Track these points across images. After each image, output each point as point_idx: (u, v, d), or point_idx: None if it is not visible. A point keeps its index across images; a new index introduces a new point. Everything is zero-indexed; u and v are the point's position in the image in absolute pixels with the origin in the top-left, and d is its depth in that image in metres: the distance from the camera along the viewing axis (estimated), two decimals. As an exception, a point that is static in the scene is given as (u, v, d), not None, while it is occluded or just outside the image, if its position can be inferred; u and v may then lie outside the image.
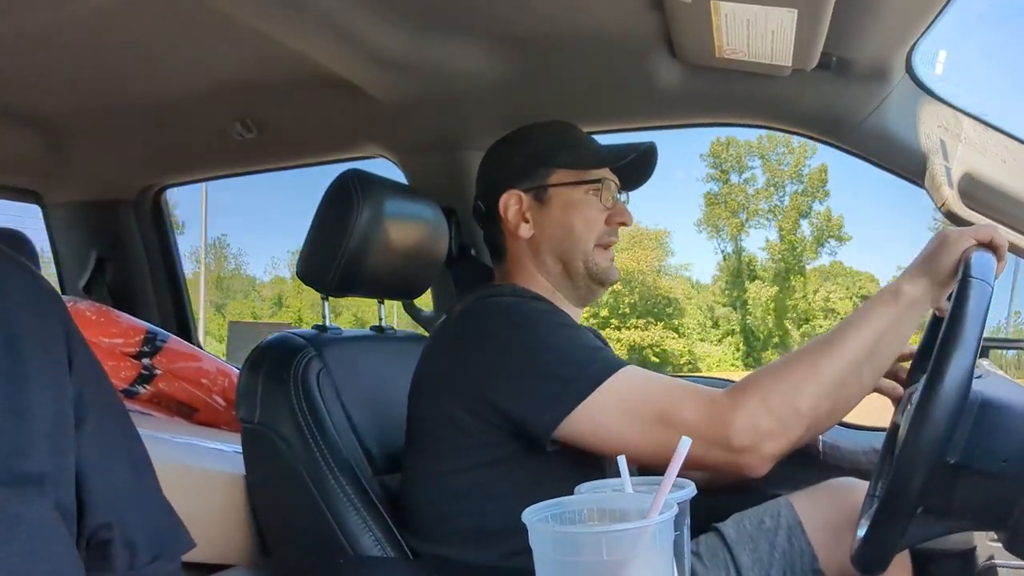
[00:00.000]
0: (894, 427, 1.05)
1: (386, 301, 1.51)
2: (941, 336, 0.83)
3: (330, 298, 1.37)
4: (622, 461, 0.72)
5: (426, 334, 1.76)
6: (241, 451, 1.28)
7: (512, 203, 1.26)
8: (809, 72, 1.34)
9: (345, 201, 1.29)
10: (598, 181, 1.25)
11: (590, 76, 1.56)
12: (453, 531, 1.12)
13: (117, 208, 2.16)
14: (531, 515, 0.62)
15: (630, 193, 1.35)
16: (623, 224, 1.27)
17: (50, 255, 2.25)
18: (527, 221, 1.25)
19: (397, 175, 1.87)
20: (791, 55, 1.25)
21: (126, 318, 1.75)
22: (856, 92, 1.40)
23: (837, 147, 1.49)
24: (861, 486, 1.25)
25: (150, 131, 1.91)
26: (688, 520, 0.71)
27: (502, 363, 1.07)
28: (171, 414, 1.75)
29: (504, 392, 1.06)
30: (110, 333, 1.67)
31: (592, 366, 1.05)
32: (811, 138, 1.51)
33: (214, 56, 1.55)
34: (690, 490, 0.70)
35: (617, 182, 1.28)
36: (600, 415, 1.02)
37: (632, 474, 1.15)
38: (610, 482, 0.76)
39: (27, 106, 1.82)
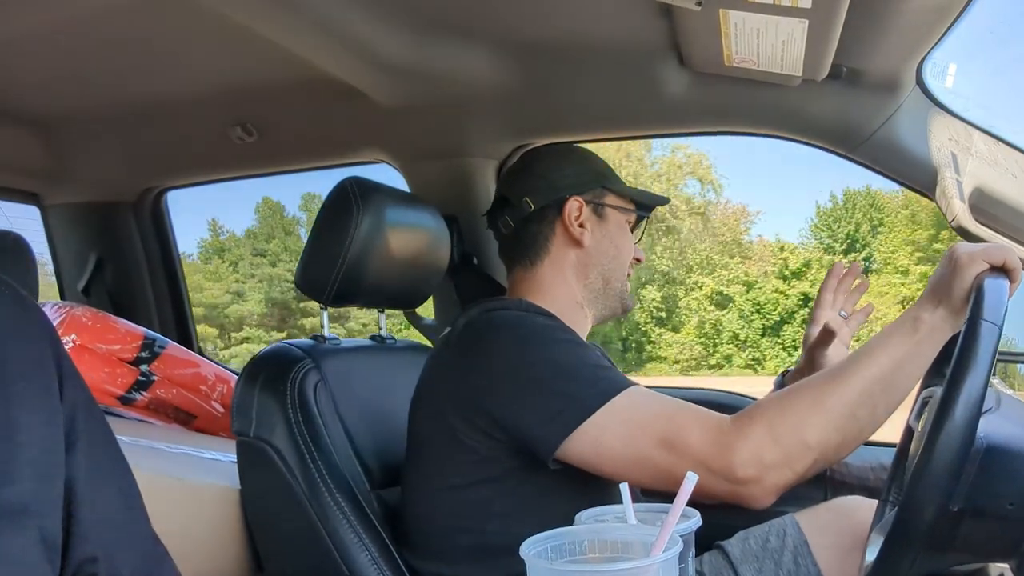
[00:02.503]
0: (908, 430, 1.03)
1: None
2: (947, 379, 0.78)
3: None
4: (624, 489, 0.69)
5: (428, 343, 1.74)
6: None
7: (575, 208, 1.27)
8: (819, 82, 1.32)
9: (345, 209, 1.27)
10: (642, 217, 1.34)
11: (596, 83, 1.54)
12: (453, 549, 1.10)
13: (117, 210, 2.15)
14: (529, 548, 0.60)
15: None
16: (638, 260, 1.34)
17: (46, 257, 2.22)
18: (585, 228, 1.28)
19: (398, 180, 1.85)
20: (801, 65, 1.23)
21: (124, 324, 1.73)
22: (866, 103, 1.38)
23: (847, 158, 1.46)
24: (868, 505, 1.22)
25: (151, 133, 1.90)
26: (692, 552, 0.68)
27: (505, 378, 1.05)
28: (169, 421, 1.73)
29: (507, 407, 1.04)
30: (107, 339, 1.65)
31: (597, 385, 1.02)
32: (820, 148, 1.49)
33: (215, 59, 1.54)
34: (695, 521, 0.67)
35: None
36: (603, 435, 1.00)
37: (635, 497, 1.13)
38: (612, 509, 0.74)
39: (26, 107, 1.81)
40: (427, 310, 1.89)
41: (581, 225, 1.27)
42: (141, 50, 1.50)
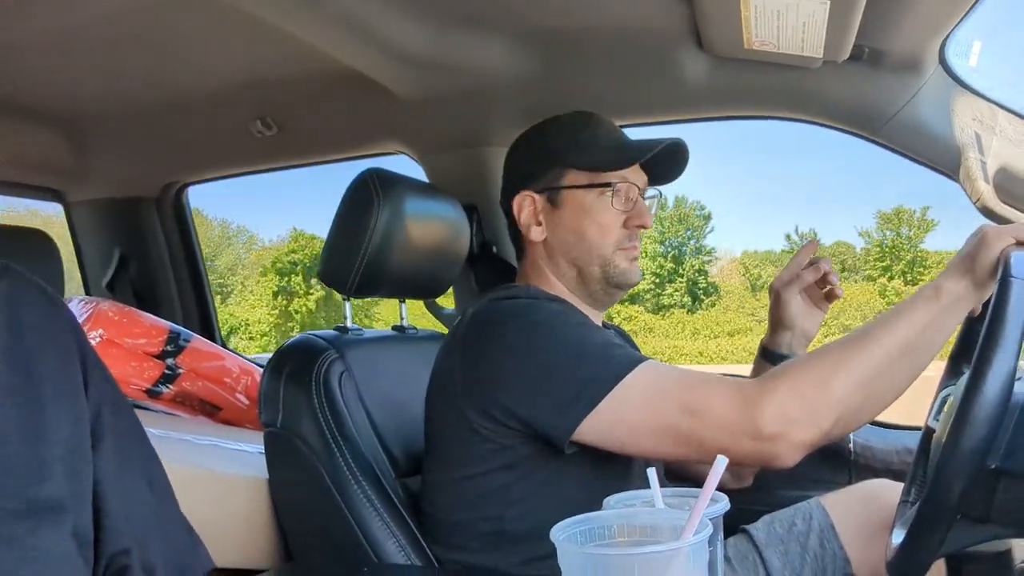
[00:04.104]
0: (928, 430, 1.02)
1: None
2: (981, 339, 0.80)
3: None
4: (652, 473, 0.70)
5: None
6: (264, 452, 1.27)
7: (526, 205, 1.22)
8: (840, 64, 1.31)
9: (365, 200, 1.27)
10: (609, 185, 1.19)
11: (615, 70, 1.53)
12: (473, 537, 1.11)
13: (139, 205, 2.17)
14: (559, 532, 0.61)
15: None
16: (642, 227, 1.21)
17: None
18: (539, 224, 1.22)
19: (417, 171, 1.85)
20: (822, 47, 1.22)
21: (149, 318, 1.75)
22: (888, 84, 1.37)
23: (869, 140, 1.45)
24: (894, 488, 1.22)
25: (172, 129, 1.92)
26: (721, 535, 0.68)
27: (516, 366, 1.05)
28: (195, 413, 1.75)
29: (519, 396, 1.04)
30: (133, 333, 1.67)
31: (611, 363, 1.02)
32: (842, 131, 1.47)
33: (236, 54, 1.55)
34: (723, 504, 0.67)
35: (639, 183, 1.22)
36: (622, 411, 1.00)
37: (662, 482, 1.13)
38: (639, 494, 0.74)
39: (49, 105, 1.83)
40: (447, 300, 1.90)
41: (537, 221, 1.22)
42: (163, 47, 1.51)
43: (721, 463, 0.58)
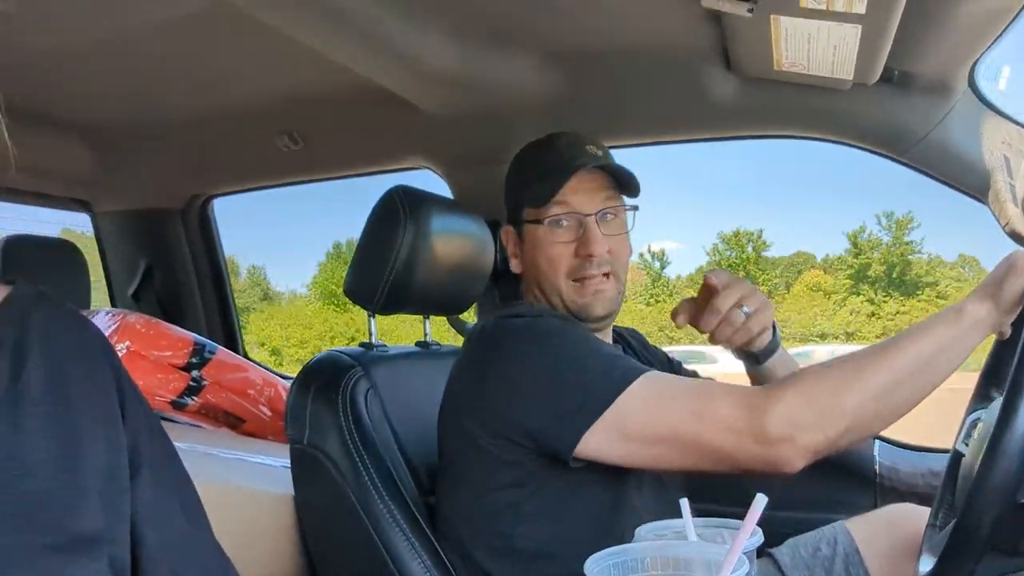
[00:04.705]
0: (956, 454, 1.01)
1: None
2: (1013, 369, 0.80)
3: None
4: (684, 504, 0.70)
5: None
6: (289, 465, 1.27)
7: (508, 239, 1.26)
8: (870, 86, 1.30)
9: (392, 218, 1.28)
10: (556, 219, 1.16)
11: (641, 88, 1.53)
12: (487, 554, 1.11)
13: (165, 217, 2.19)
14: (593, 565, 0.61)
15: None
16: (590, 256, 1.16)
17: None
18: (516, 256, 1.25)
19: (442, 187, 1.86)
20: (853, 69, 1.22)
21: (175, 330, 1.76)
22: (918, 106, 1.36)
23: (898, 161, 1.44)
24: (920, 513, 1.21)
25: (199, 142, 1.94)
26: (756, 570, 0.68)
27: (519, 380, 1.05)
28: (218, 425, 1.76)
29: (523, 409, 1.04)
30: (159, 346, 1.68)
31: (613, 373, 1.02)
32: (870, 152, 1.47)
33: (264, 70, 1.56)
34: (758, 538, 0.67)
35: (590, 207, 1.17)
36: (626, 421, 0.99)
37: (653, 486, 1.12)
38: (671, 524, 0.74)
39: (79, 118, 1.86)
40: (470, 315, 1.90)
41: (514, 253, 1.25)
42: (192, 62, 1.53)
43: (760, 501, 0.57)
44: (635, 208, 1.23)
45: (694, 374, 1.42)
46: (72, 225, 2.32)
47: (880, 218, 24.78)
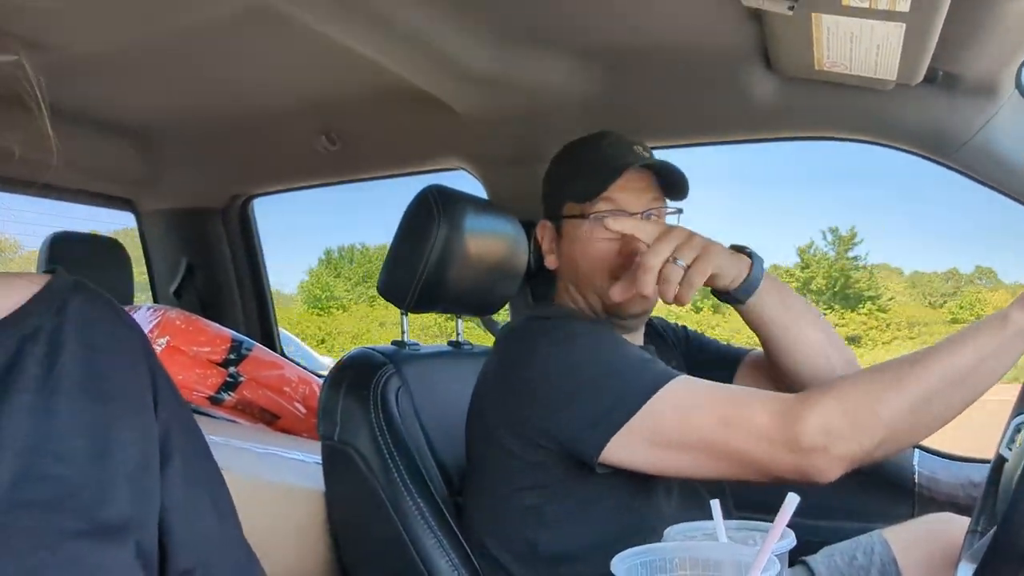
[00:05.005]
0: (999, 459, 0.98)
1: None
2: None
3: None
4: (716, 505, 0.68)
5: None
6: (321, 462, 1.28)
7: (544, 234, 1.25)
8: (913, 87, 1.28)
9: (425, 217, 1.29)
10: (601, 215, 1.14)
11: (680, 89, 1.52)
12: (511, 557, 1.10)
13: (206, 216, 2.22)
14: (620, 564, 0.60)
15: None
16: (634, 253, 1.13)
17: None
18: (552, 252, 1.24)
19: (475, 186, 1.87)
20: (896, 69, 1.19)
21: (213, 327, 1.79)
22: (963, 109, 1.33)
23: (942, 164, 1.41)
24: (959, 523, 1.18)
25: (239, 143, 1.96)
26: (786, 571, 0.67)
27: (546, 382, 1.04)
28: (254, 420, 1.79)
29: (548, 411, 1.03)
30: (198, 341, 1.71)
31: (643, 377, 1.00)
32: (914, 154, 1.44)
33: (303, 72, 1.58)
34: (790, 540, 0.66)
35: (636, 206, 1.15)
36: (656, 426, 0.97)
37: (678, 496, 1.10)
38: (701, 525, 0.73)
39: (124, 118, 1.90)
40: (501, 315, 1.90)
41: (551, 249, 1.23)
42: (233, 64, 1.55)
43: (792, 501, 0.56)
44: (679, 211, 1.22)
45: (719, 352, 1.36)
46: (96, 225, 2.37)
47: (825, 233, 24.99)
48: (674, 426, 0.97)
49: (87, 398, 0.54)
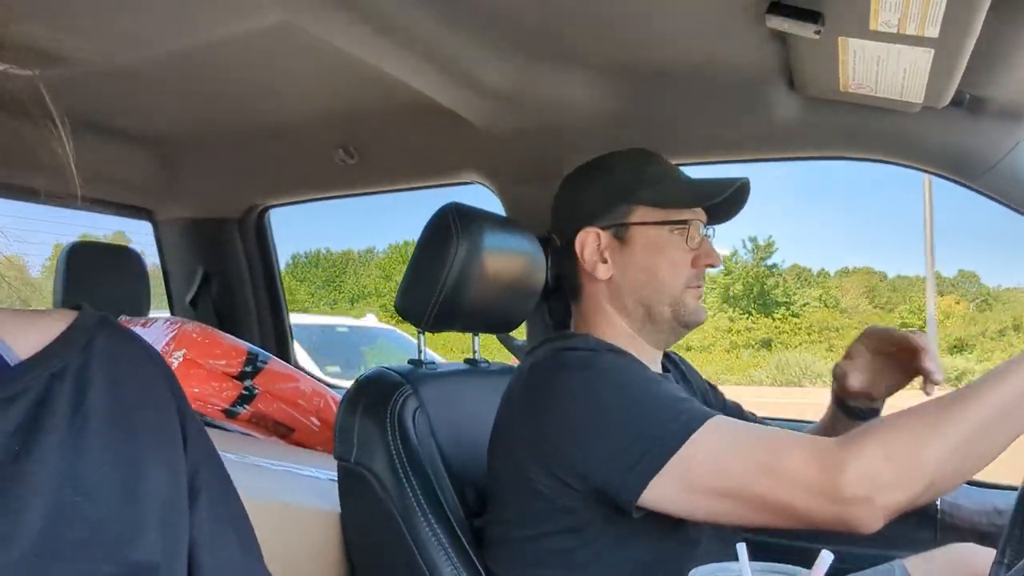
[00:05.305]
0: None
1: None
2: None
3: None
4: (742, 549, 0.67)
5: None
6: (336, 479, 1.28)
7: (589, 241, 1.18)
8: (940, 109, 1.26)
9: (444, 235, 1.28)
10: (685, 222, 1.16)
11: (701, 107, 1.51)
12: None
13: (223, 226, 2.23)
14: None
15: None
16: (711, 266, 1.17)
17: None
18: (605, 261, 1.18)
19: (492, 200, 1.86)
20: (923, 93, 1.17)
21: (229, 339, 1.79)
22: (990, 132, 1.31)
23: (968, 187, 1.39)
24: (982, 554, 1.16)
25: (257, 154, 1.97)
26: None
27: (579, 423, 1.00)
28: (269, 434, 1.78)
29: (583, 455, 0.99)
30: (214, 354, 1.71)
31: (678, 419, 0.96)
32: (939, 176, 1.42)
33: (322, 85, 1.58)
34: (817, 589, 0.64)
35: (704, 219, 1.19)
36: (690, 471, 0.94)
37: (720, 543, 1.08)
38: (726, 567, 0.71)
39: (144, 129, 1.91)
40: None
41: (603, 258, 1.17)
42: (253, 76, 1.55)
43: (825, 560, 0.55)
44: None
45: (738, 408, 1.39)
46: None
47: (745, 242, 25.94)
48: (710, 471, 0.94)
49: (116, 434, 0.53)
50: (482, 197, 1.96)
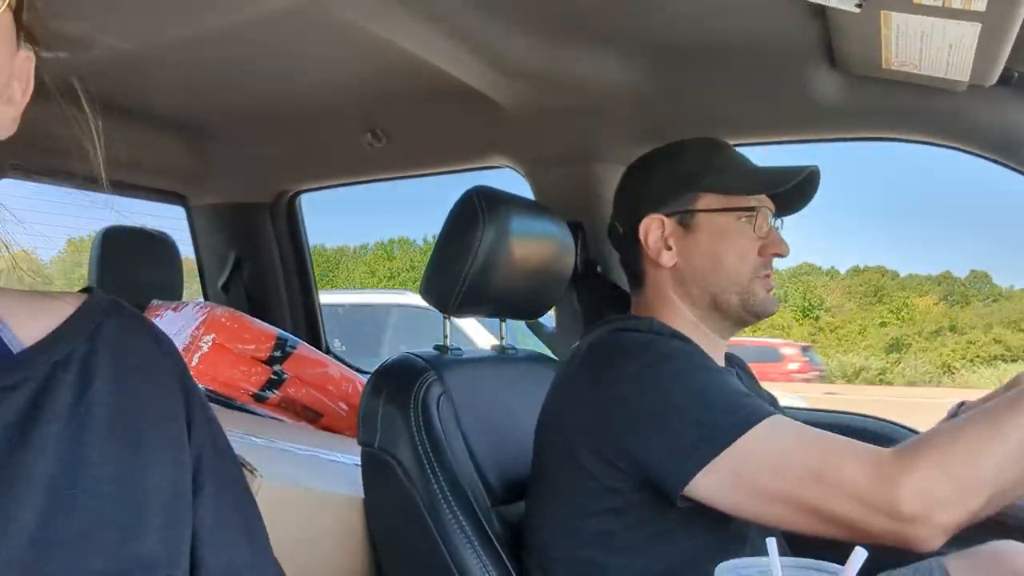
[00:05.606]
0: None
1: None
2: None
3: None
4: (772, 543, 0.64)
5: (549, 353, 1.72)
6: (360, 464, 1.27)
7: (654, 228, 1.17)
8: (986, 88, 1.20)
9: (470, 219, 1.26)
10: (752, 209, 1.14)
11: (735, 85, 1.46)
12: None
13: (255, 211, 2.23)
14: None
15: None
16: (778, 255, 1.15)
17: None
18: (670, 248, 1.16)
19: (521, 184, 1.84)
20: (969, 70, 1.12)
21: (258, 324, 1.80)
22: (1041, 111, 1.25)
23: (1014, 169, 1.33)
24: (1026, 552, 1.11)
25: (286, 138, 1.97)
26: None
27: (634, 405, 0.99)
28: (297, 418, 1.79)
29: (633, 435, 0.98)
30: (244, 339, 1.72)
31: (737, 412, 0.94)
32: (983, 158, 1.35)
33: (350, 68, 1.57)
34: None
35: (772, 208, 1.17)
36: (743, 467, 0.92)
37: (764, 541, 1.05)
38: (755, 562, 0.68)
39: (176, 114, 1.91)
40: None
41: (667, 245, 1.16)
42: (281, 60, 1.54)
43: (860, 555, 0.52)
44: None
45: None
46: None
47: None
48: (763, 471, 0.91)
49: (119, 424, 0.52)
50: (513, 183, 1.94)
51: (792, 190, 1.14)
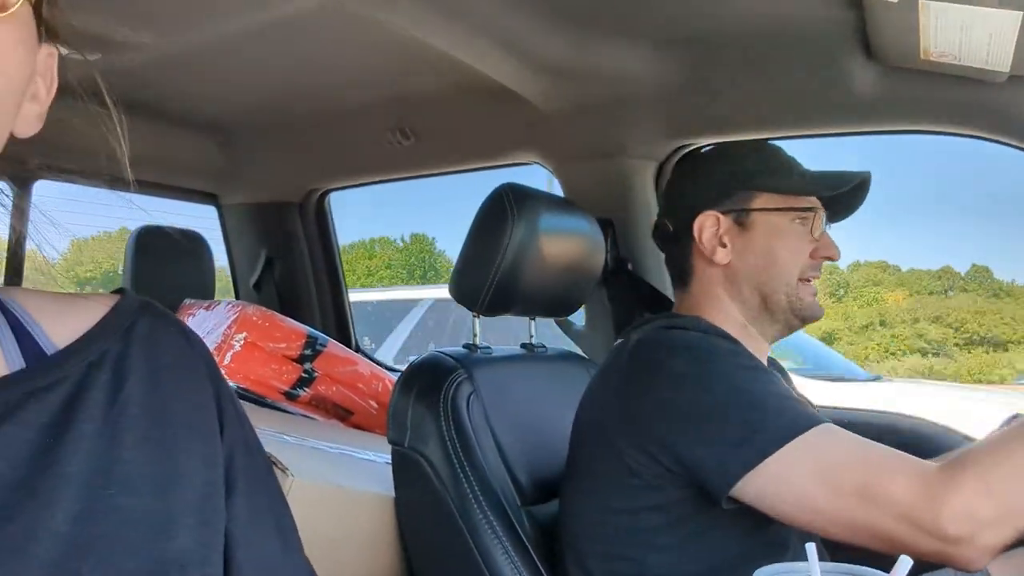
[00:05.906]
0: None
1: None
2: None
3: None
4: (811, 549, 0.62)
5: (578, 351, 1.71)
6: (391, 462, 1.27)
7: (708, 225, 1.15)
8: (1030, 78, 1.17)
9: (499, 216, 1.25)
10: (809, 209, 1.14)
11: (767, 78, 1.44)
12: (607, 574, 1.05)
13: (285, 210, 2.25)
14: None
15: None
16: (829, 259, 1.15)
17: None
18: (724, 246, 1.15)
19: (541, 182, 1.83)
20: (1010, 61, 1.09)
21: (289, 323, 1.81)
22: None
23: (1060, 162, 1.29)
24: (1074, 554, 1.08)
25: (315, 137, 1.98)
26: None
27: (682, 401, 0.97)
28: (328, 416, 1.80)
29: (680, 433, 0.96)
30: (275, 337, 1.73)
31: (784, 416, 0.92)
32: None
33: (377, 66, 1.57)
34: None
35: (825, 212, 1.16)
36: (789, 473, 0.90)
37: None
38: (794, 567, 0.66)
39: (207, 114, 1.93)
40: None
41: (721, 243, 1.15)
42: (310, 60, 1.55)
43: (904, 564, 0.50)
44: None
45: None
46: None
47: None
48: (809, 482, 0.90)
49: (152, 424, 0.52)
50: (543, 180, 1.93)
51: (843, 196, 1.14)
